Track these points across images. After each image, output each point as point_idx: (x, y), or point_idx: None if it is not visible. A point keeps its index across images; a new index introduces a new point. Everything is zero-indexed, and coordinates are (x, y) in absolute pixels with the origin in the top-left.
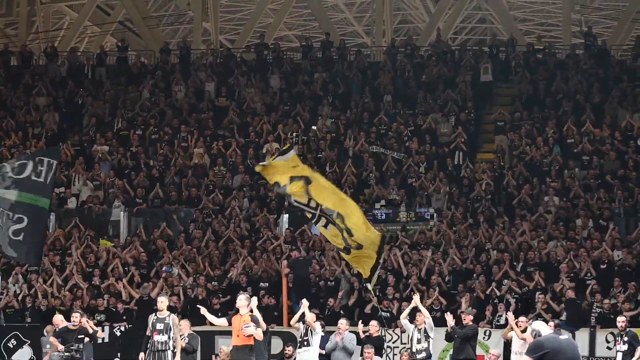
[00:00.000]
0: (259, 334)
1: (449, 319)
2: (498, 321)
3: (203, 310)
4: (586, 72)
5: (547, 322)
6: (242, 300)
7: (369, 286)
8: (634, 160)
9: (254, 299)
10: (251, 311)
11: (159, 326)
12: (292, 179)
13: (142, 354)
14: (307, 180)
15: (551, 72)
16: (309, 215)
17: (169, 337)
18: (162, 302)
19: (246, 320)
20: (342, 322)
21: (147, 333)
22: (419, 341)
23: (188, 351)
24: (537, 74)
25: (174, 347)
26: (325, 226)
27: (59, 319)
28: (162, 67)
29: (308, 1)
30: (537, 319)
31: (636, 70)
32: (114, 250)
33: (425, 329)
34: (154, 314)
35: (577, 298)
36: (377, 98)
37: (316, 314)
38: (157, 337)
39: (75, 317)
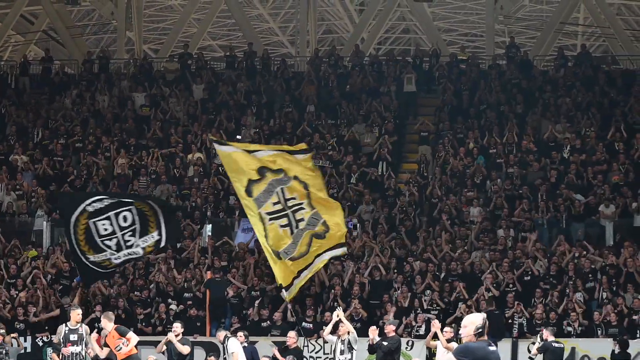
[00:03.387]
0: (132, 347)
1: (373, 334)
2: (417, 331)
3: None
4: (509, 82)
5: None
6: (104, 320)
7: (286, 294)
8: (557, 171)
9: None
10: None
11: (73, 337)
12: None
13: None
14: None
15: (474, 82)
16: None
17: (82, 348)
18: (79, 314)
19: (114, 335)
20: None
21: (54, 341)
22: (342, 352)
23: None
24: (461, 85)
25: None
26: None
27: None
28: (86, 77)
29: (232, 11)
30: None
31: (559, 81)
32: (37, 261)
33: (348, 339)
34: (64, 324)
35: (496, 309)
36: (300, 108)
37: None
38: (72, 349)
39: None
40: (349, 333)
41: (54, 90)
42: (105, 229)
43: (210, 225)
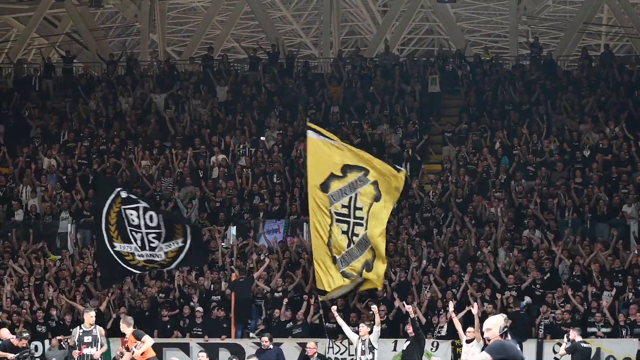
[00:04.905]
0: (145, 349)
1: (411, 309)
2: (439, 332)
3: None
4: (533, 82)
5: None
6: (123, 325)
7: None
8: (581, 171)
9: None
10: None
11: (87, 339)
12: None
13: None
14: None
15: (498, 83)
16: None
17: (96, 350)
18: (92, 316)
19: (131, 339)
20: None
21: (70, 343)
22: (363, 352)
23: None
24: (484, 85)
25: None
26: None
27: (5, 333)
28: (109, 79)
29: (255, 13)
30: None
31: (583, 81)
32: (64, 263)
33: (369, 339)
34: (79, 327)
35: (522, 310)
36: (324, 109)
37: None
38: (87, 350)
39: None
40: (370, 333)
41: (78, 92)
42: (133, 220)
43: (235, 226)
